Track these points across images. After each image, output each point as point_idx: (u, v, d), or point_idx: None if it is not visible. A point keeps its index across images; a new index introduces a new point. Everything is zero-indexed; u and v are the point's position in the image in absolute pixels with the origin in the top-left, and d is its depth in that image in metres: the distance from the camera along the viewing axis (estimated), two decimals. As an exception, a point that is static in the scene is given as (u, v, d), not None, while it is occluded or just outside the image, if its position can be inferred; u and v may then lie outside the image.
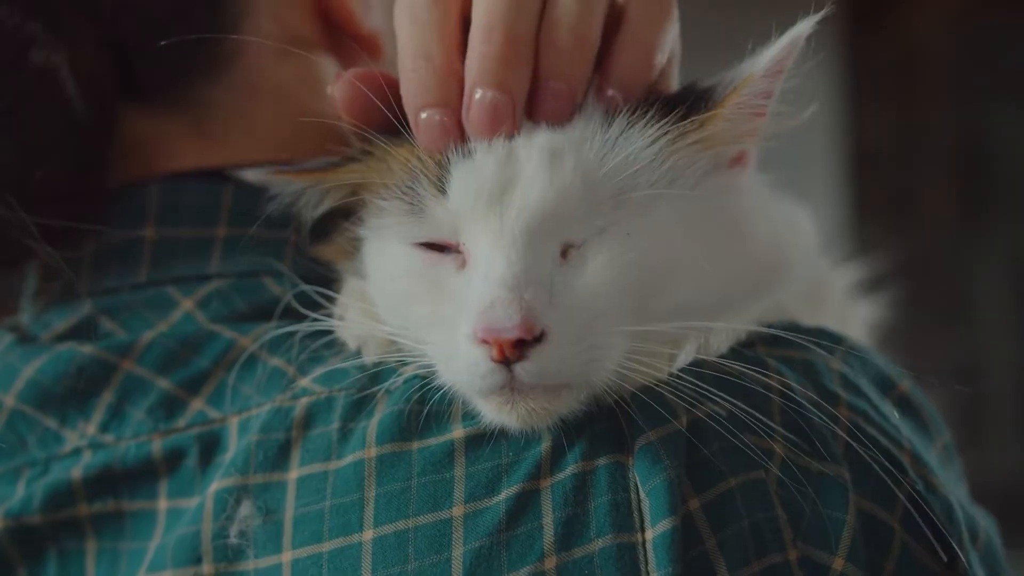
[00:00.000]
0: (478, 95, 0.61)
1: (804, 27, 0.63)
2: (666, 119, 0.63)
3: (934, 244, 3.13)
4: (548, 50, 0.63)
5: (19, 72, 0.73)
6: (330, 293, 0.69)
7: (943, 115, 3.29)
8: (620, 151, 0.62)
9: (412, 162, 0.64)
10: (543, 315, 0.58)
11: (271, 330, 0.68)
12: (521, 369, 0.58)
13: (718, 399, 0.60)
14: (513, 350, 0.58)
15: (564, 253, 0.61)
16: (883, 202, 3.28)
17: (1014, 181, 3.22)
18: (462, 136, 0.63)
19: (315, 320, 0.68)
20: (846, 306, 0.83)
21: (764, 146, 0.69)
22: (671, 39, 0.67)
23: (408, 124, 0.64)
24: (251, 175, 0.70)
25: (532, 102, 0.63)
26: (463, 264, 0.63)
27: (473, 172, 0.62)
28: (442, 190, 0.63)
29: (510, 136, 0.62)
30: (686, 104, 0.64)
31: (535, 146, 0.62)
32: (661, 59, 0.66)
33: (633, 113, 0.63)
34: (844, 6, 3.09)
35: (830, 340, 0.66)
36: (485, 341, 0.58)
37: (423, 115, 0.63)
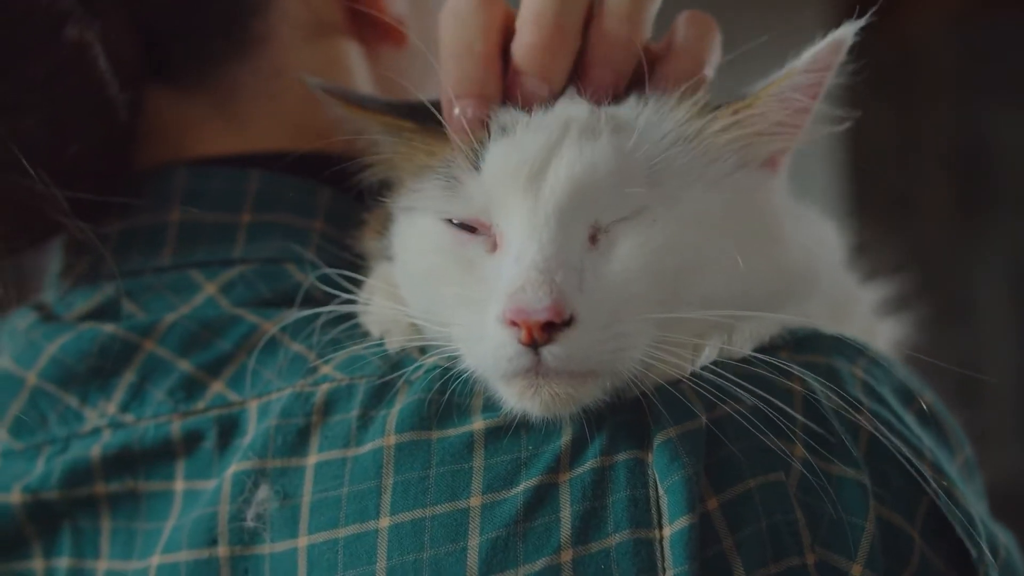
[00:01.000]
0: (521, 80, 0.63)
1: (848, 29, 0.62)
2: (699, 97, 0.63)
3: (933, 244, 3.11)
4: (598, 41, 0.64)
5: (54, 46, 0.72)
6: (355, 276, 0.68)
7: (942, 115, 3.27)
8: (655, 130, 0.61)
9: (453, 144, 0.63)
10: (573, 299, 0.57)
11: (294, 315, 0.67)
12: (548, 353, 0.57)
13: (740, 398, 0.58)
14: (542, 333, 0.57)
15: (593, 238, 0.60)
16: (882, 202, 3.26)
17: (1013, 182, 3.20)
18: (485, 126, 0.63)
19: (339, 304, 0.66)
20: (871, 322, 0.82)
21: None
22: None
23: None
24: (312, 82, 0.69)
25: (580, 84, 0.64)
26: (494, 247, 0.62)
27: (510, 149, 0.61)
28: (477, 166, 0.62)
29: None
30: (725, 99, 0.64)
31: (572, 123, 0.61)
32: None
33: (674, 100, 0.63)
34: (843, 6, 3.07)
35: (853, 347, 0.65)
36: (514, 323, 0.57)
37: (457, 108, 0.63)
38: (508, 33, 0.65)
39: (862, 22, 0.62)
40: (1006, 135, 3.26)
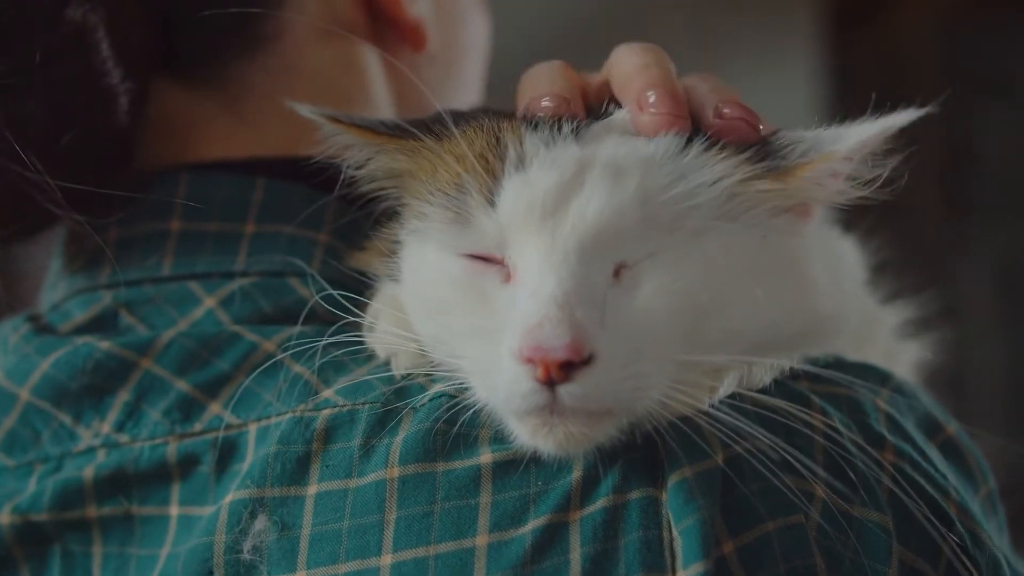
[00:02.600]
0: (652, 95, 0.60)
1: (899, 118, 0.58)
2: (736, 158, 0.58)
3: (918, 245, 3.06)
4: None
5: (54, 27, 0.67)
6: (359, 298, 0.63)
7: (928, 116, 3.22)
8: (688, 181, 0.57)
9: (463, 171, 0.59)
10: (593, 337, 0.53)
11: (295, 335, 0.62)
12: (565, 392, 0.53)
13: (758, 436, 0.54)
14: (559, 371, 0.52)
15: (616, 273, 0.56)
16: (867, 202, 3.19)
17: (998, 183, 3.16)
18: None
19: (343, 325, 0.62)
20: (893, 345, 0.77)
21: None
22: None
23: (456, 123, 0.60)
24: (306, 111, 0.63)
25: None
26: (508, 277, 0.57)
27: (527, 185, 0.57)
28: (491, 201, 0.57)
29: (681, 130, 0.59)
30: (761, 152, 0.59)
31: (598, 161, 0.57)
32: None
33: (708, 148, 0.58)
34: (829, 7, 3.02)
35: (877, 377, 0.61)
36: (531, 360, 0.52)
37: (545, 101, 0.61)
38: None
39: (921, 113, 0.57)
40: (991, 137, 3.21)
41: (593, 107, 0.64)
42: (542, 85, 0.62)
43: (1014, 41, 3.09)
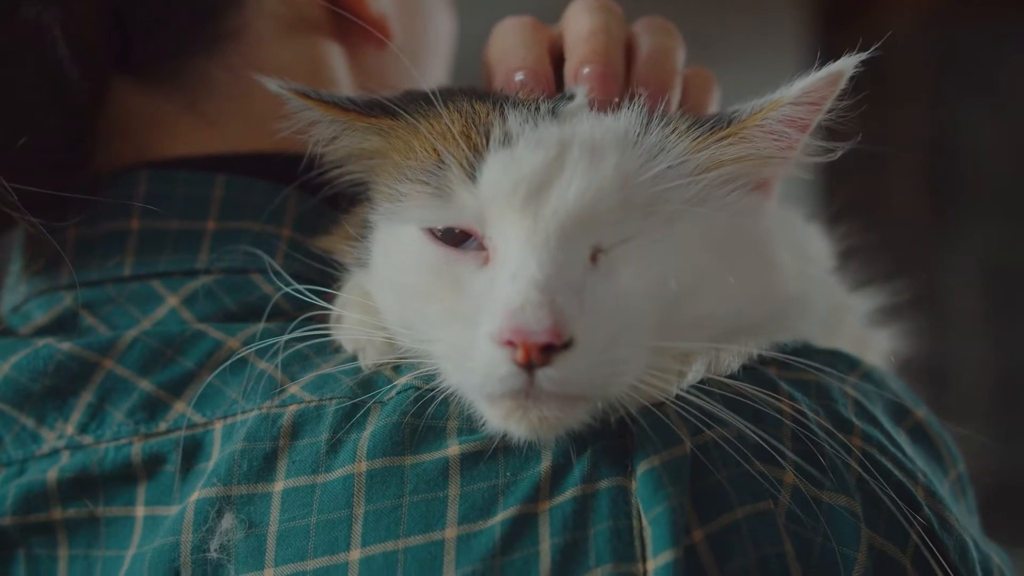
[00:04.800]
0: (586, 69, 0.61)
1: (845, 63, 0.58)
2: (694, 127, 0.59)
3: (904, 243, 3.07)
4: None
5: (8, 27, 0.66)
6: (326, 290, 0.63)
7: (914, 115, 3.23)
8: (659, 162, 0.57)
9: (443, 146, 0.58)
10: (573, 321, 0.53)
11: (260, 331, 0.62)
12: (543, 375, 0.53)
13: (728, 420, 0.54)
14: (540, 354, 0.52)
15: (593, 257, 0.56)
16: (854, 201, 3.20)
17: (983, 181, 3.17)
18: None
19: (309, 318, 0.62)
20: (863, 332, 0.77)
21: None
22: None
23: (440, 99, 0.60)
24: (273, 85, 0.62)
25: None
26: (485, 260, 0.57)
27: (511, 163, 0.57)
28: (472, 177, 0.57)
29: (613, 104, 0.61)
30: (717, 123, 0.60)
31: (576, 141, 0.57)
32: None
33: (668, 123, 0.59)
34: (816, 6, 3.03)
35: (845, 363, 0.61)
36: (511, 343, 0.52)
37: (517, 76, 0.62)
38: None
39: (863, 56, 0.58)
40: (976, 135, 3.23)
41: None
42: (514, 51, 0.62)
43: (999, 40, 3.11)
